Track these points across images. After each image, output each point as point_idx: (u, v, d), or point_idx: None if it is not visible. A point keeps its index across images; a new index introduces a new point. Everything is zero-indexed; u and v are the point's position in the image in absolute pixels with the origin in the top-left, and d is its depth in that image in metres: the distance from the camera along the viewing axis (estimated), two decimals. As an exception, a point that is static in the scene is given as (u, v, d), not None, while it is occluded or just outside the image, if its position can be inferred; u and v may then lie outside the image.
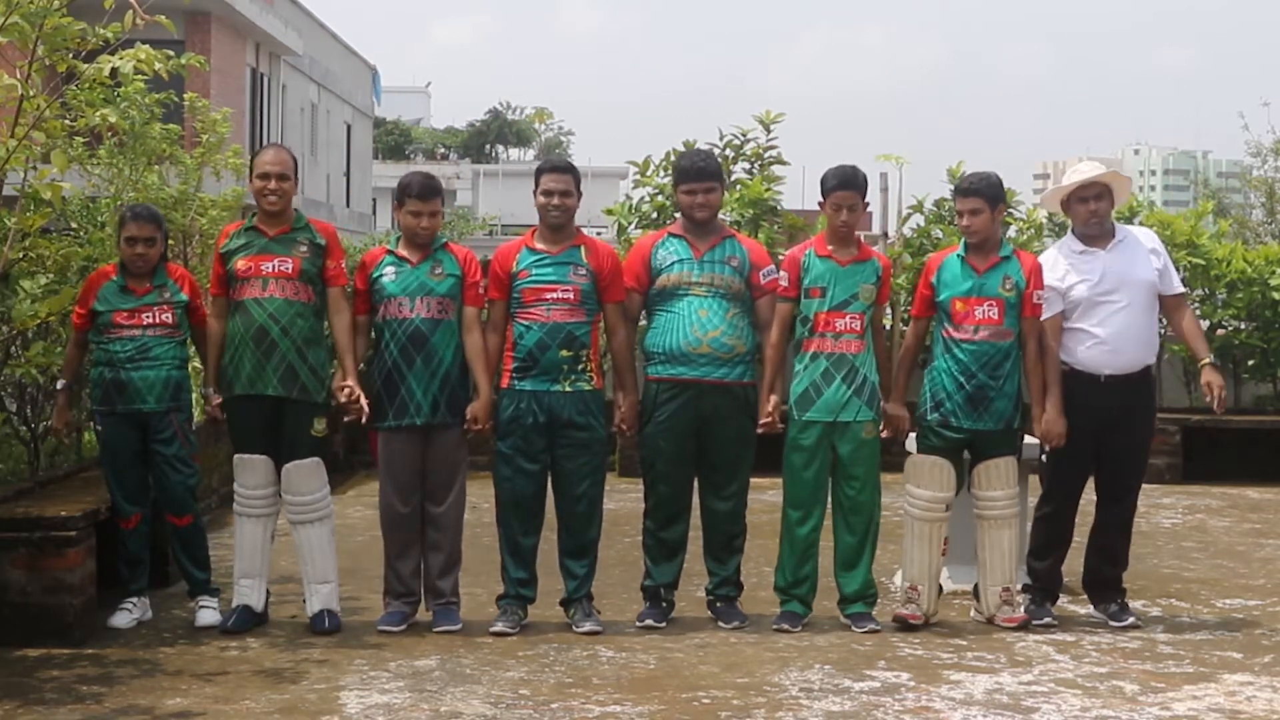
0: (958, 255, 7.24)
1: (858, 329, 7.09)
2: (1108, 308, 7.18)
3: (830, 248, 7.19)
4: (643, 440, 7.24)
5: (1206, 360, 7.44)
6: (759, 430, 7.14)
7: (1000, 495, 7.23)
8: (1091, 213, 7.24)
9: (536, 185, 7.15)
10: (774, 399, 7.10)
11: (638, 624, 7.11)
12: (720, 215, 7.61)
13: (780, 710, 5.85)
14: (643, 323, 7.55)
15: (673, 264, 7.13)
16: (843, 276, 7.12)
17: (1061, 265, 7.29)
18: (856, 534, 7.21)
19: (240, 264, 6.91)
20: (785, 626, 7.10)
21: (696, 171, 7.17)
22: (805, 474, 7.11)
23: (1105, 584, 7.53)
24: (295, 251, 6.93)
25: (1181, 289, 7.54)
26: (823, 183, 7.23)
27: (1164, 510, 11.26)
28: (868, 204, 7.34)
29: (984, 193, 7.18)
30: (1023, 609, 7.29)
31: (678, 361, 7.05)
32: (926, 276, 7.31)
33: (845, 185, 7.17)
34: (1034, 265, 7.20)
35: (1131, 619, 7.32)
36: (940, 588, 7.35)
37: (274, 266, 6.88)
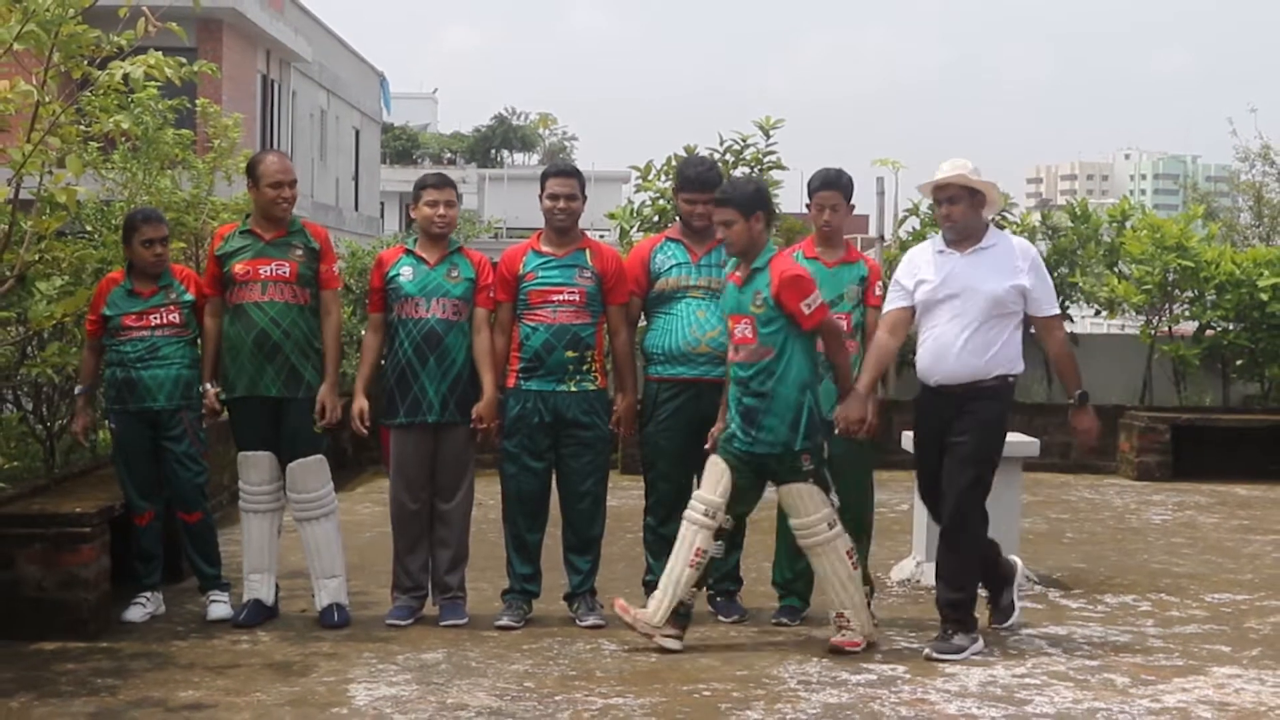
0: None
1: (845, 328, 7.00)
2: (942, 314, 6.68)
3: (818, 250, 7.17)
4: (644, 439, 7.24)
5: (1073, 398, 6.83)
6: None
7: (798, 524, 6.61)
8: (945, 216, 6.76)
9: (542, 189, 7.15)
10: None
11: None
12: None
13: (779, 702, 5.85)
14: (641, 324, 7.54)
15: (671, 268, 7.13)
16: (829, 278, 7.06)
17: (919, 262, 6.84)
18: (850, 531, 7.19)
19: (238, 268, 6.91)
20: (784, 620, 7.10)
21: (699, 181, 7.15)
22: None
23: (941, 603, 6.73)
24: (291, 255, 6.93)
25: (1053, 312, 6.83)
26: (808, 184, 7.25)
27: (1154, 506, 11.27)
28: (853, 205, 7.30)
29: (735, 201, 6.56)
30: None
31: (677, 361, 7.06)
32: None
33: (828, 186, 7.16)
34: (784, 276, 6.46)
35: (952, 655, 6.49)
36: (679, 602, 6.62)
37: (271, 270, 6.89)
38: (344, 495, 10.81)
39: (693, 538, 6.58)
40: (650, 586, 7.24)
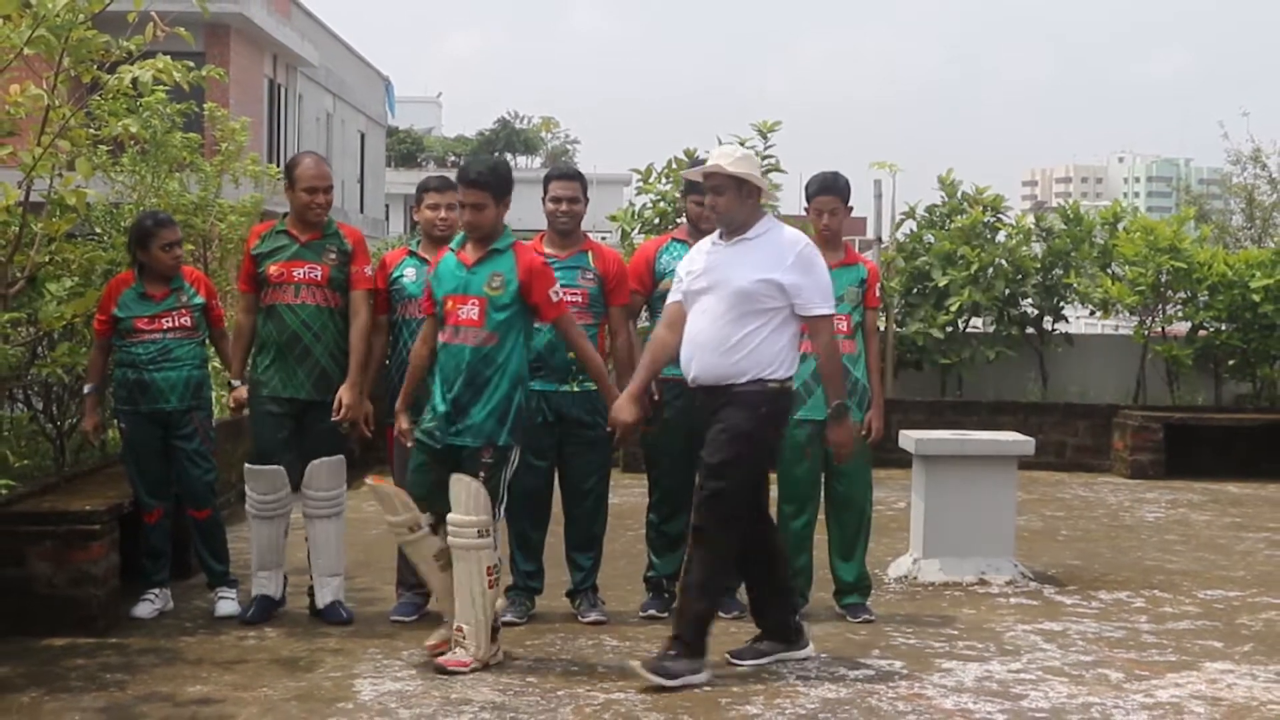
0: (451, 250, 6.47)
1: (845, 329, 6.97)
2: (697, 307, 6.19)
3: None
4: (646, 437, 7.22)
5: (830, 408, 6.28)
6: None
7: (454, 519, 6.15)
8: (711, 206, 6.29)
9: (545, 192, 7.14)
10: None
11: (641, 614, 7.10)
12: None
13: (778, 697, 5.84)
14: (645, 324, 7.53)
15: (676, 269, 7.09)
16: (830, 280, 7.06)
17: (695, 253, 6.40)
18: (849, 528, 7.21)
19: (273, 269, 6.87)
20: None
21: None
22: (798, 471, 7.09)
23: (674, 613, 6.33)
24: (325, 259, 6.90)
25: (819, 312, 6.15)
26: (806, 189, 7.24)
27: (1147, 504, 11.26)
28: (851, 208, 7.28)
29: (490, 186, 6.32)
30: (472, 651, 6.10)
31: (679, 362, 7.02)
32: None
33: (826, 190, 7.16)
34: (534, 264, 6.30)
35: (660, 678, 5.89)
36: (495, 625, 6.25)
37: (304, 273, 6.85)
38: (350, 494, 10.77)
39: (475, 563, 6.14)
40: (651, 582, 7.25)
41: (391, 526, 6.37)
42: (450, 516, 6.16)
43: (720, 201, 6.21)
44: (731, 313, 6.09)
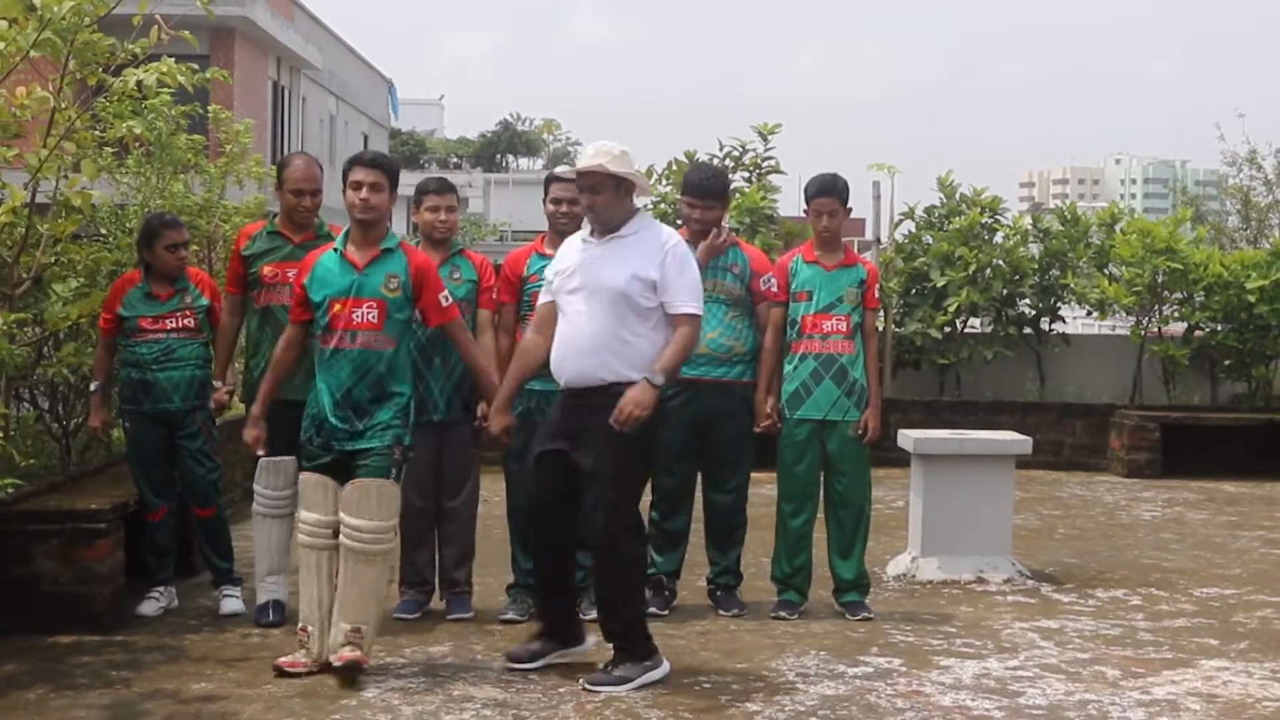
0: (335, 250, 6.25)
1: (844, 330, 7.05)
2: (570, 307, 5.99)
3: (817, 253, 7.19)
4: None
5: (645, 376, 5.87)
6: (758, 430, 7.13)
7: (370, 526, 5.96)
8: (587, 206, 6.10)
9: (546, 193, 7.14)
10: (770, 400, 7.10)
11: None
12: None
13: (778, 694, 5.84)
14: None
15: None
16: (828, 280, 7.10)
17: (564, 251, 6.22)
18: (848, 527, 7.21)
19: (266, 269, 6.87)
20: (782, 614, 7.10)
21: (699, 188, 7.14)
22: (797, 469, 7.10)
23: (604, 632, 6.10)
24: None
25: (686, 310, 5.94)
26: (805, 191, 7.25)
27: (1144, 503, 11.26)
28: (850, 209, 7.28)
29: (383, 167, 6.21)
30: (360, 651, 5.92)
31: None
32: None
33: (824, 192, 7.15)
34: (425, 264, 6.24)
35: (611, 687, 5.82)
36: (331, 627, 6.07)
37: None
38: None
39: (325, 563, 6.02)
40: (652, 580, 7.21)
41: (315, 525, 6.07)
42: (357, 522, 5.92)
43: (599, 200, 6.01)
44: (606, 312, 5.89)
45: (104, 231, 9.37)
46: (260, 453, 6.52)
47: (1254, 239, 20.83)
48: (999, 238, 14.26)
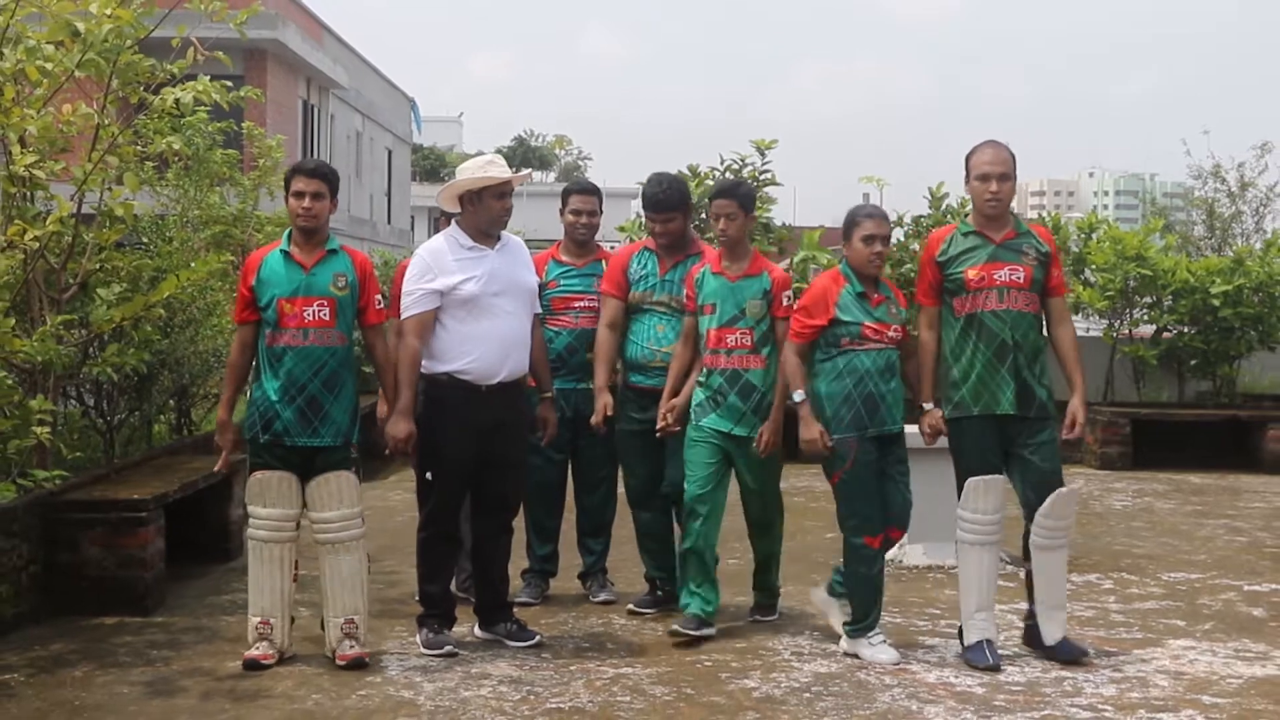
0: (280, 250, 5.98)
1: (749, 344, 6.28)
2: (499, 310, 6.05)
3: (724, 263, 6.41)
4: (616, 437, 6.90)
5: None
6: (656, 433, 6.56)
7: (336, 515, 5.86)
8: (504, 210, 6.16)
9: (565, 205, 7.10)
10: (673, 401, 6.51)
11: (632, 607, 6.87)
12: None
13: (774, 671, 5.84)
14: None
15: (640, 279, 6.78)
16: (731, 293, 6.32)
17: (444, 262, 6.08)
18: (761, 550, 6.73)
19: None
20: (757, 618, 6.74)
21: (655, 202, 6.69)
22: (690, 454, 6.44)
23: (495, 605, 6.30)
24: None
25: (538, 310, 6.35)
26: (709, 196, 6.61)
27: (1115, 493, 11.24)
28: (753, 217, 6.45)
29: (328, 178, 6.01)
30: (360, 646, 5.87)
31: (638, 370, 6.76)
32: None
33: (723, 194, 6.39)
34: (368, 263, 6.02)
35: (534, 639, 6.15)
36: (293, 618, 6.01)
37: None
38: (378, 483, 10.81)
39: (287, 555, 5.92)
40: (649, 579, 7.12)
41: (279, 520, 5.89)
42: (326, 515, 5.85)
43: (510, 208, 6.24)
44: (524, 311, 6.22)
45: (145, 240, 9.39)
46: (229, 455, 6.14)
47: (1218, 247, 20.75)
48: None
